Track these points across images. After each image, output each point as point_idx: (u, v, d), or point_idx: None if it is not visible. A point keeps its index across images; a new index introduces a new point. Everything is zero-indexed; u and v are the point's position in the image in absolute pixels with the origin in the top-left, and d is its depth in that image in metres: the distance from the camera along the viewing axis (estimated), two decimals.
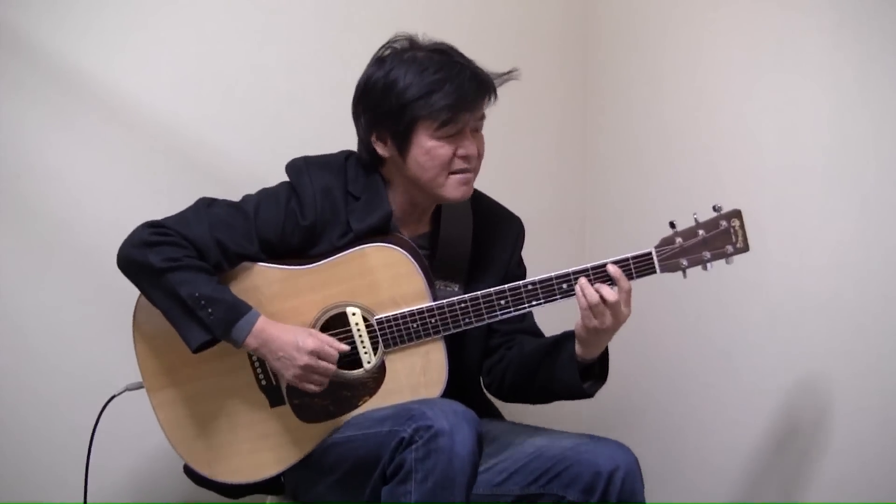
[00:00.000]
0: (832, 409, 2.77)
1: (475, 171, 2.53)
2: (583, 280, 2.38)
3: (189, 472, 2.60)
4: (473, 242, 2.65)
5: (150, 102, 3.02)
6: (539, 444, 2.51)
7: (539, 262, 2.76)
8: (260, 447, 2.52)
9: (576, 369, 2.48)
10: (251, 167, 3.04)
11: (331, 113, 2.82)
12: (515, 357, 2.63)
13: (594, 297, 2.35)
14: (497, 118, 2.60)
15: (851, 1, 2.69)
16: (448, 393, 2.47)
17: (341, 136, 2.62)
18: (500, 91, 2.54)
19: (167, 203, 2.52)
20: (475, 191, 2.63)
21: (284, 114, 3.18)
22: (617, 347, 2.52)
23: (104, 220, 2.91)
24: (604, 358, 2.53)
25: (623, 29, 3.50)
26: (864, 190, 2.67)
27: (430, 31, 2.57)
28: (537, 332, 2.71)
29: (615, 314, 2.37)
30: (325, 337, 2.41)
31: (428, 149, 2.45)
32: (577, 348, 2.46)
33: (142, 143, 3.02)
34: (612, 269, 2.37)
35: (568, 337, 2.50)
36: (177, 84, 3.05)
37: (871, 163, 2.65)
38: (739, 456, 3.04)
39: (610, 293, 2.35)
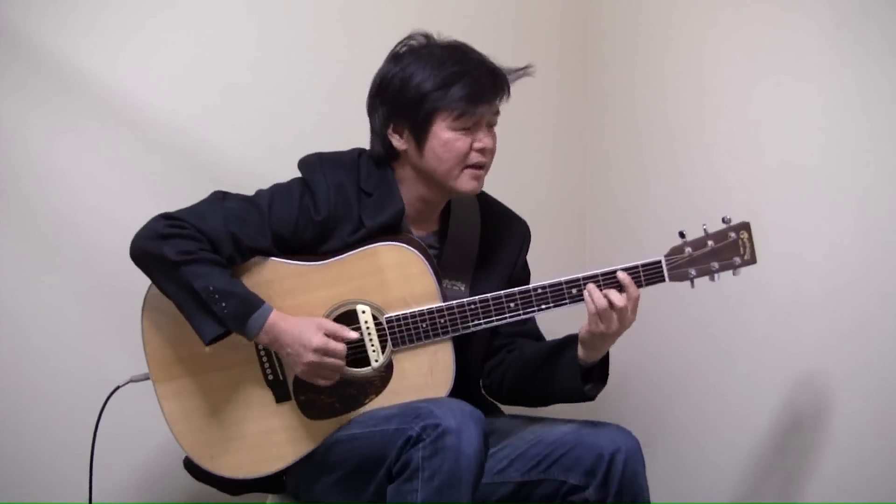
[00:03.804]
0: (832, 408, 2.78)
1: (488, 166, 2.56)
2: (591, 285, 2.40)
3: (189, 466, 2.60)
4: (481, 242, 2.66)
5: (150, 102, 3.01)
6: (539, 430, 2.54)
7: (539, 261, 2.78)
8: (264, 442, 2.52)
9: (577, 372, 2.49)
10: (251, 167, 3.04)
11: (330, 113, 2.84)
12: (516, 360, 2.65)
13: (602, 303, 2.38)
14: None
15: (851, 2, 2.69)
16: (452, 394, 2.48)
17: (341, 135, 2.64)
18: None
19: (167, 203, 2.51)
20: (483, 192, 2.66)
21: (284, 113, 3.17)
22: (618, 347, 2.53)
23: (104, 219, 2.91)
24: (604, 361, 2.55)
25: (623, 29, 3.51)
26: (863, 190, 2.68)
27: (428, 29, 2.59)
28: (538, 336, 2.73)
29: (621, 319, 2.40)
30: (333, 326, 2.42)
31: (445, 140, 2.48)
32: (580, 351, 2.49)
33: (142, 143, 3.02)
34: (622, 276, 2.39)
35: (569, 340, 2.53)
36: (177, 84, 3.05)
37: (871, 163, 2.66)
38: (740, 454, 3.05)
39: (618, 298, 2.38)
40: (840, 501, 2.73)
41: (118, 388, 2.65)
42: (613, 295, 2.38)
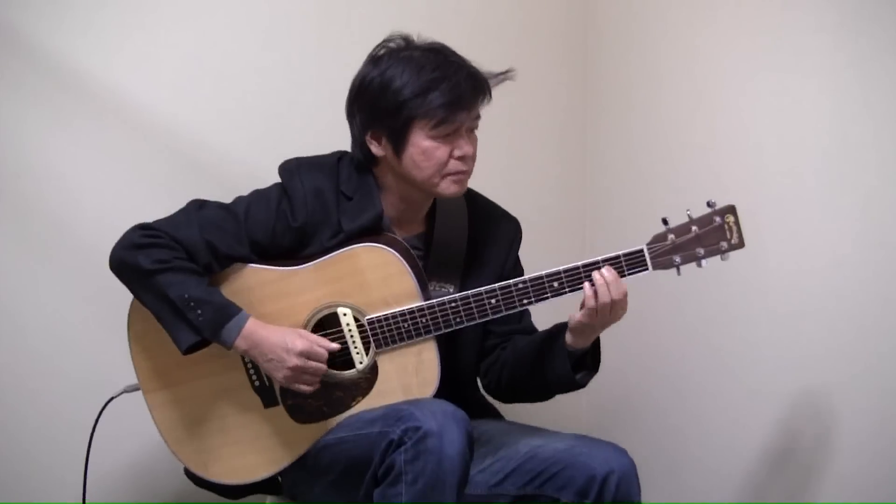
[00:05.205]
0: (831, 410, 2.77)
1: (469, 171, 2.52)
2: (597, 276, 2.37)
3: (189, 473, 2.61)
4: (468, 243, 2.63)
5: (149, 102, 3.03)
6: (534, 444, 2.50)
7: (539, 262, 2.73)
8: (254, 448, 2.52)
9: (567, 360, 2.47)
10: (251, 167, 3.03)
11: (330, 113, 2.81)
12: (510, 356, 2.62)
13: (606, 298, 2.35)
14: (497, 118, 2.60)
15: (851, 1, 2.68)
16: (444, 394, 2.45)
17: (341, 136, 2.62)
18: (500, 91, 2.54)
19: (167, 203, 2.53)
20: (472, 191, 2.64)
21: (284, 114, 3.18)
22: (617, 348, 2.54)
23: (104, 220, 2.89)
24: (595, 348, 2.53)
25: (623, 29, 3.50)
26: (864, 190, 2.66)
27: (430, 30, 2.56)
28: (533, 332, 2.69)
29: (614, 312, 2.38)
30: (314, 337, 2.42)
31: (424, 149, 2.44)
32: (569, 338, 2.46)
33: (142, 143, 3.03)
34: (607, 274, 2.36)
35: (559, 329, 2.50)
36: (177, 84, 3.06)
37: (871, 163, 2.64)
38: (738, 457, 3.04)
39: (615, 292, 2.36)
40: (840, 502, 2.72)
41: (112, 398, 2.67)
42: (612, 290, 2.36)
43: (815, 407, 2.81)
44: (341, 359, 2.47)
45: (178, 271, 2.38)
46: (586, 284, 2.37)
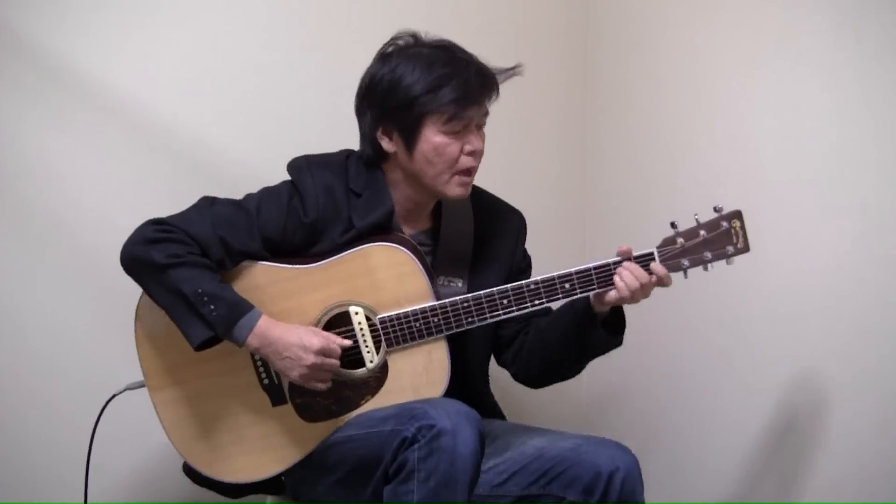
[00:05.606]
0: (831, 410, 2.77)
1: (476, 169, 2.54)
2: (624, 271, 2.41)
3: (189, 471, 2.59)
4: (475, 237, 2.65)
5: (150, 102, 3.02)
6: (539, 444, 2.51)
7: (539, 261, 2.77)
8: (261, 446, 2.52)
9: (601, 329, 2.50)
10: (252, 167, 3.04)
11: (332, 113, 2.83)
12: (534, 341, 2.64)
13: (635, 284, 2.39)
14: (497, 118, 2.60)
15: (851, 1, 2.68)
16: (451, 393, 2.46)
17: (341, 135, 2.63)
18: (501, 91, 2.55)
19: (168, 203, 2.52)
20: (475, 187, 2.65)
21: (285, 114, 3.18)
22: (618, 347, 2.53)
23: (104, 220, 2.92)
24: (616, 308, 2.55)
25: (623, 29, 3.50)
26: (864, 190, 2.66)
27: (430, 30, 2.57)
28: (549, 312, 2.70)
29: (652, 286, 2.44)
30: (326, 334, 2.42)
31: (436, 144, 2.46)
32: (595, 307, 2.49)
33: (142, 143, 3.02)
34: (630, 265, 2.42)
35: (582, 304, 2.52)
36: (177, 84, 3.05)
37: (872, 163, 2.64)
38: (738, 456, 3.04)
39: (642, 277, 2.41)
40: (840, 502, 2.72)
41: (114, 396, 2.66)
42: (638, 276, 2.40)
43: (815, 407, 2.81)
44: (351, 357, 2.47)
45: (191, 266, 2.38)
46: (616, 278, 2.40)
